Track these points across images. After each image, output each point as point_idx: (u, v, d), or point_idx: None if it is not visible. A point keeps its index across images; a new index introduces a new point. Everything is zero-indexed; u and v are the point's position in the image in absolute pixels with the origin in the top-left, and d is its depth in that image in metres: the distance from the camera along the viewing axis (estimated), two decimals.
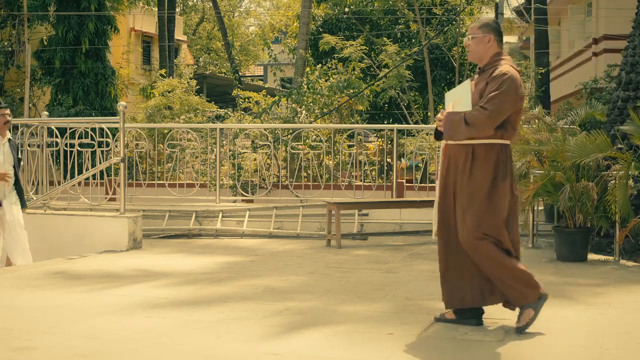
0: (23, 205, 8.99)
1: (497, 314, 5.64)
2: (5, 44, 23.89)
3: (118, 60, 27.69)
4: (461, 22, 22.01)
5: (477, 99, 5.17)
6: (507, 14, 26.85)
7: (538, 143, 9.41)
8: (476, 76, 5.43)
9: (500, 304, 5.35)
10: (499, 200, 5.15)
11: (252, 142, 14.19)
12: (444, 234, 5.34)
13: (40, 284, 7.19)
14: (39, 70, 23.54)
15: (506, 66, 5.20)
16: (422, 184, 13.17)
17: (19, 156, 9.16)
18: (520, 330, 5.15)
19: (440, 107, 22.18)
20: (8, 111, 8.83)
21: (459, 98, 5.28)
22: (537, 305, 5.20)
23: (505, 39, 26.00)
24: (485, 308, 5.73)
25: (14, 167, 8.88)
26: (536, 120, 9.89)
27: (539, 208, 10.52)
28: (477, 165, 5.16)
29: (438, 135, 5.41)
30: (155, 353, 4.71)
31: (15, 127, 11.74)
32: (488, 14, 24.98)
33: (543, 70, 21.01)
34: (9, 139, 8.90)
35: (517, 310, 5.26)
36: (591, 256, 8.98)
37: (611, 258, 8.86)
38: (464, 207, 5.17)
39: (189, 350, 4.74)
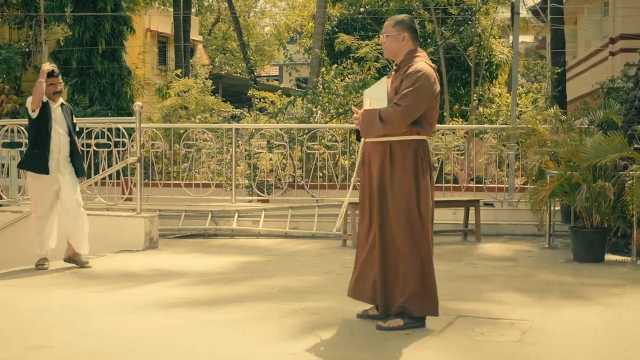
0: (79, 174, 8.32)
1: (513, 314, 5.62)
2: (23, 44, 24.02)
3: (134, 60, 27.78)
4: (477, 22, 21.95)
5: (392, 96, 5.22)
6: (523, 13, 26.73)
7: (554, 144, 9.36)
8: (393, 73, 5.47)
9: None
10: (424, 198, 5.19)
11: (268, 142, 14.21)
12: (363, 231, 5.41)
13: (56, 283, 7.22)
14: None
15: (421, 63, 5.25)
16: (438, 184, 13.15)
17: (74, 121, 8.46)
18: (380, 328, 5.15)
19: (456, 106, 22.16)
20: (59, 79, 8.28)
21: (377, 95, 5.33)
22: (411, 323, 5.18)
23: (521, 38, 25.91)
24: (501, 308, 5.74)
25: (68, 133, 8.19)
26: (553, 121, 9.85)
27: (556, 208, 10.47)
28: (397, 164, 5.20)
29: (359, 136, 5.44)
30: (171, 352, 4.72)
31: None
32: (504, 14, 24.90)
33: (559, 70, 20.93)
34: (62, 104, 8.26)
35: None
36: (608, 257, 8.93)
37: (628, 259, 8.80)
38: (387, 206, 5.20)
39: (204, 350, 4.74)
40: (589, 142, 8.81)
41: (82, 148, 11.63)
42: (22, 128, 11.85)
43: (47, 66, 8.24)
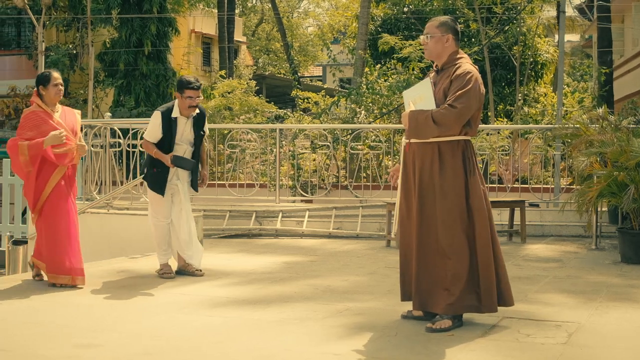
0: (193, 185, 7.77)
1: (559, 316, 5.57)
2: (70, 46, 24.34)
3: (179, 61, 28.01)
4: (522, 21, 21.77)
5: (441, 98, 5.22)
6: (569, 11, 26.47)
7: (601, 144, 9.25)
8: (432, 74, 5.46)
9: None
10: (474, 197, 5.21)
11: (312, 142, 14.23)
12: (406, 233, 5.42)
13: (103, 282, 7.29)
14: (102, 72, 23.93)
15: (468, 65, 5.28)
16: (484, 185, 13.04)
17: (203, 130, 7.76)
18: (430, 329, 5.13)
19: (500, 106, 21.99)
20: (199, 92, 7.51)
21: (420, 96, 5.32)
22: (456, 323, 5.21)
23: (567, 37, 25.64)
24: (547, 310, 5.68)
25: (192, 145, 7.67)
26: (600, 120, 9.73)
27: (603, 209, 10.34)
28: (447, 165, 5.20)
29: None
30: (216, 352, 4.75)
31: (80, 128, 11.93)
32: (549, 13, 24.67)
33: (606, 70, 20.67)
34: (197, 114, 7.61)
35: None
36: None
37: None
38: (433, 207, 5.21)
39: (249, 350, 4.77)
40: (636, 142, 8.68)
41: (127, 148, 11.79)
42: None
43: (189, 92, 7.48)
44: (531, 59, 21.92)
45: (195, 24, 32.59)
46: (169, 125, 7.46)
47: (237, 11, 37.05)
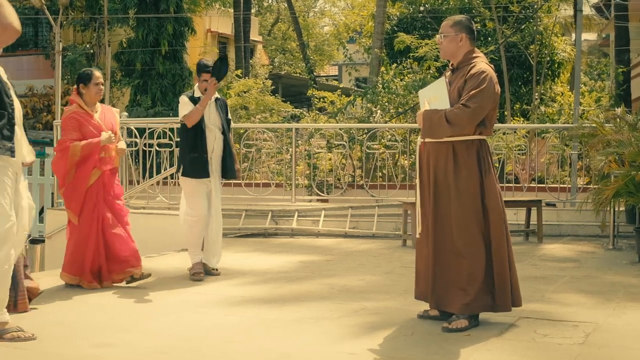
0: (229, 175, 7.75)
1: (576, 316, 5.55)
2: (87, 46, 24.43)
3: (195, 61, 27.99)
4: (539, 20, 21.69)
5: (455, 97, 5.22)
6: (587, 10, 26.29)
7: (618, 143, 9.20)
8: (448, 74, 5.47)
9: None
10: (489, 197, 5.24)
11: (328, 141, 14.21)
12: (423, 232, 5.42)
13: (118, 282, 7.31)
14: (119, 72, 24.00)
15: (483, 64, 5.27)
16: (500, 184, 13.00)
17: (229, 117, 7.86)
18: (446, 329, 5.12)
19: (517, 105, 21.92)
20: (208, 76, 7.45)
21: (435, 96, 5.34)
22: (473, 323, 5.20)
23: (584, 36, 25.52)
24: (564, 310, 5.67)
25: (222, 131, 7.67)
26: (617, 120, 9.68)
27: (620, 209, 10.29)
28: (461, 164, 5.21)
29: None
30: (232, 351, 4.76)
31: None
32: (566, 11, 24.55)
33: (624, 69, 20.55)
34: (217, 98, 7.73)
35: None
36: None
37: None
38: (448, 206, 5.22)
39: (265, 349, 4.78)
40: None
41: (144, 148, 11.83)
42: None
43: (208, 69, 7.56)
44: (548, 58, 21.83)
45: (212, 24, 32.62)
46: (194, 103, 7.47)
47: (253, 11, 37.07)
